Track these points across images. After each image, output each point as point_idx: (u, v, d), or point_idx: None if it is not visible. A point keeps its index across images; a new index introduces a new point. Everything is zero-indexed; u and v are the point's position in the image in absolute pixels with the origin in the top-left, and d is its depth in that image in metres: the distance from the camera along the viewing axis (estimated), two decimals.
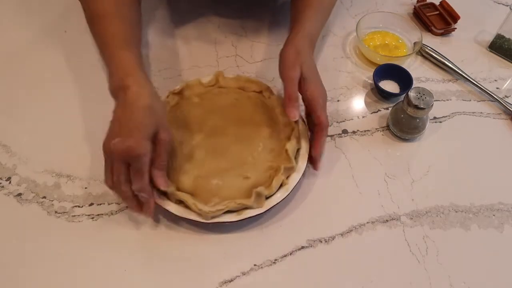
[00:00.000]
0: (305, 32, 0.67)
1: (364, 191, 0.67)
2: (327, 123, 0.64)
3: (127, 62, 0.58)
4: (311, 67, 0.65)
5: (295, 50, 0.64)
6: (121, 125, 0.54)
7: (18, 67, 0.80)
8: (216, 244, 0.61)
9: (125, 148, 0.52)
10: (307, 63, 0.64)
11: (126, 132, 0.53)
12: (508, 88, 0.81)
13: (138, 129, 0.53)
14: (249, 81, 0.73)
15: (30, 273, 0.59)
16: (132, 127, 0.53)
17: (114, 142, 0.52)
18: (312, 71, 0.65)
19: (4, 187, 0.66)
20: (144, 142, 0.53)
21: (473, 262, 0.61)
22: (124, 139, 0.52)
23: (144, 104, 0.54)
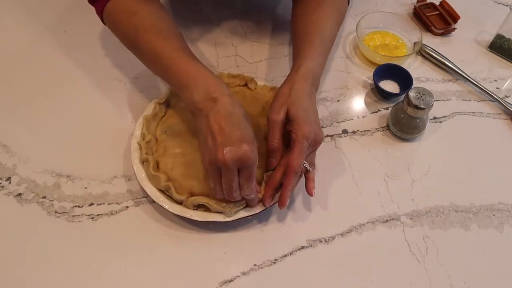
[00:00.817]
0: (305, 70, 0.63)
1: (364, 191, 0.67)
2: (297, 169, 0.57)
3: (205, 73, 0.59)
4: (303, 107, 0.59)
5: (288, 90, 0.61)
6: (227, 135, 0.54)
7: (18, 67, 0.80)
8: (216, 244, 0.61)
9: (240, 156, 0.53)
10: (297, 103, 0.59)
11: (235, 141, 0.53)
12: (508, 88, 0.81)
13: (246, 136, 0.55)
14: (232, 76, 0.74)
15: (30, 273, 0.59)
16: (240, 135, 0.54)
17: (226, 151, 0.53)
18: (303, 112, 0.59)
19: (4, 187, 0.66)
20: (255, 148, 0.55)
21: (473, 262, 0.61)
22: (236, 147, 0.53)
23: (242, 113, 0.57)
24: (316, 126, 0.60)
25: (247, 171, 0.55)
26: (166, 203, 0.60)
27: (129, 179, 0.67)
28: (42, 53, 0.82)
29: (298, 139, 0.58)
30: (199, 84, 0.57)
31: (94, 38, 0.84)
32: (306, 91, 0.61)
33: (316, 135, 0.59)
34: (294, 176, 0.58)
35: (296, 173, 0.58)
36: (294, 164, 0.57)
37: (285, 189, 0.58)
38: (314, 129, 0.59)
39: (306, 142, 0.58)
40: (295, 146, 0.58)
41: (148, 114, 0.68)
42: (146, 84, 0.77)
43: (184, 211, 0.60)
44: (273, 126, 0.60)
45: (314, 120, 0.60)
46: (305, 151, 0.58)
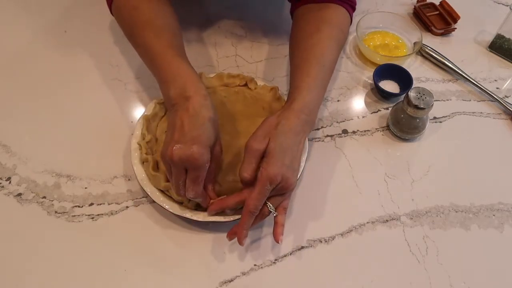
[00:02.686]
0: (299, 105, 0.59)
1: (364, 191, 0.67)
2: (252, 209, 0.54)
3: (186, 71, 0.59)
4: (282, 147, 0.55)
5: (275, 123, 0.57)
6: (184, 133, 0.53)
7: (18, 67, 0.80)
8: (216, 244, 0.61)
9: (188, 155, 0.52)
10: (279, 140, 0.55)
11: (188, 140, 0.53)
12: (508, 88, 0.81)
13: (201, 138, 0.53)
14: (231, 76, 0.74)
15: (30, 273, 0.59)
16: (196, 136, 0.53)
17: (175, 148, 0.52)
18: (279, 151, 0.55)
19: (4, 187, 0.66)
20: (206, 152, 0.53)
21: (473, 262, 0.61)
22: (186, 147, 0.52)
23: (208, 115, 0.55)
24: (287, 170, 0.55)
25: (193, 173, 0.53)
26: (166, 203, 0.60)
27: (129, 179, 0.67)
28: (42, 53, 0.82)
29: (261, 179, 0.53)
30: (177, 81, 0.58)
31: (94, 38, 0.84)
32: (293, 130, 0.57)
33: (285, 180, 0.55)
34: (249, 216, 0.54)
35: (251, 213, 0.54)
36: (249, 204, 0.54)
37: (239, 227, 0.55)
38: (283, 173, 0.54)
39: (269, 185, 0.54)
40: (256, 186, 0.54)
41: (148, 114, 0.68)
42: (146, 84, 0.77)
43: (184, 211, 0.60)
44: (250, 155, 0.55)
45: (289, 164, 0.55)
46: (266, 193, 0.54)
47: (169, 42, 0.63)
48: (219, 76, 0.74)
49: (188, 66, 0.60)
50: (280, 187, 0.55)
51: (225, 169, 0.63)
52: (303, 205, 0.65)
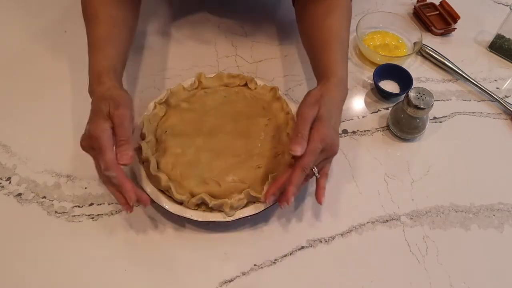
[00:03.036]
0: (337, 80, 0.63)
1: (364, 191, 0.67)
2: (305, 166, 0.56)
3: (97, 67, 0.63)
4: (331, 112, 0.60)
5: (321, 93, 0.61)
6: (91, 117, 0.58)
7: (18, 67, 0.80)
8: (216, 244, 0.61)
9: (87, 135, 0.56)
10: (328, 107, 0.60)
11: (88, 123, 0.58)
12: (508, 88, 0.81)
13: (95, 114, 0.57)
14: (232, 76, 0.74)
15: (30, 273, 0.59)
16: (92, 116, 0.58)
17: (82, 135, 0.57)
18: (329, 116, 0.59)
19: (4, 187, 0.66)
20: (99, 122, 0.56)
21: (473, 262, 0.61)
22: (86, 129, 0.57)
23: (99, 95, 0.59)
24: (335, 134, 0.59)
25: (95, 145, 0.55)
26: (166, 203, 0.60)
27: None
28: (42, 53, 0.82)
29: (314, 139, 0.56)
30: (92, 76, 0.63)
31: None
32: (337, 99, 0.62)
33: (333, 143, 0.59)
34: (300, 173, 0.56)
35: (303, 170, 0.56)
36: (303, 160, 0.56)
37: (289, 185, 0.56)
38: (332, 135, 0.58)
39: (320, 145, 0.57)
40: (309, 145, 0.56)
41: (148, 114, 0.68)
42: (146, 84, 0.77)
43: (184, 211, 0.60)
44: (304, 119, 0.58)
45: (335, 128, 0.60)
46: (317, 153, 0.57)
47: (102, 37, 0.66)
48: (219, 76, 0.74)
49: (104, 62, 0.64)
50: (327, 149, 0.58)
51: (225, 169, 0.63)
52: (303, 205, 0.65)
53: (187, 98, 0.71)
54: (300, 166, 0.56)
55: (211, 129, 0.67)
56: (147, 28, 0.86)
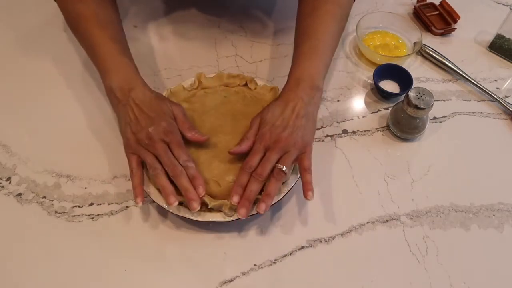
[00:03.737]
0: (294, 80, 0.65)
1: (364, 191, 0.67)
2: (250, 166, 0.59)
3: (128, 65, 0.66)
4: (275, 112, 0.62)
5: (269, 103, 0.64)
6: (146, 117, 0.60)
7: (18, 66, 0.80)
8: (216, 244, 0.61)
9: (163, 130, 0.60)
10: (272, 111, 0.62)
11: (155, 120, 0.60)
12: (508, 88, 0.81)
13: (163, 114, 0.61)
14: (231, 76, 0.74)
15: (30, 273, 0.59)
16: (157, 115, 0.61)
17: (151, 130, 0.59)
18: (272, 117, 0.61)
19: (4, 187, 0.66)
20: (172, 122, 0.62)
21: (473, 262, 0.61)
22: (158, 124, 0.60)
23: (154, 96, 0.63)
24: (277, 129, 0.60)
25: (174, 140, 0.60)
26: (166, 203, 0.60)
27: (129, 179, 0.66)
28: (42, 53, 0.82)
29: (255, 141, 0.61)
30: (120, 73, 0.64)
31: None
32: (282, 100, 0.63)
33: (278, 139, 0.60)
34: (245, 173, 0.59)
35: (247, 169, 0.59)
36: (246, 161, 0.60)
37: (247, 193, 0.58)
38: (272, 131, 0.60)
39: (259, 144, 0.60)
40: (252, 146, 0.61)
41: None
42: None
43: (184, 211, 0.60)
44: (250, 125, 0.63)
45: (280, 124, 0.61)
46: (259, 152, 0.60)
47: (113, 36, 0.67)
48: (219, 76, 0.74)
49: (128, 60, 0.66)
50: (273, 146, 0.59)
51: (225, 169, 0.63)
52: (303, 205, 0.65)
53: (187, 98, 0.71)
54: (243, 167, 0.60)
55: (211, 129, 0.67)
56: (147, 28, 0.86)
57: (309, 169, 0.60)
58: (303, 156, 0.61)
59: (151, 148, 0.59)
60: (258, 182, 0.58)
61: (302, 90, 0.63)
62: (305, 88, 0.63)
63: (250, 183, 0.58)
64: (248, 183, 0.59)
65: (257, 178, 0.58)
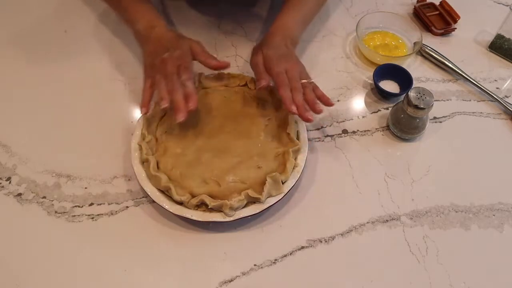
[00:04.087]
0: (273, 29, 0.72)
1: (364, 191, 0.67)
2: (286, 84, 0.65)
3: (150, 11, 0.72)
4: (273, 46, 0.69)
5: (260, 43, 0.71)
6: (163, 46, 0.66)
7: (18, 66, 0.80)
8: (216, 244, 0.61)
9: (176, 55, 0.65)
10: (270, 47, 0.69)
11: (170, 49, 0.66)
12: (508, 88, 0.81)
13: (179, 47, 0.66)
14: (232, 76, 0.74)
15: (30, 273, 0.59)
16: (173, 47, 0.66)
17: (165, 55, 0.65)
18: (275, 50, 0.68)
19: (4, 187, 0.66)
20: (187, 52, 0.67)
21: (473, 262, 0.61)
22: (172, 52, 0.65)
23: (174, 34, 0.69)
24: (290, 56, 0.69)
25: (184, 64, 0.65)
26: (166, 203, 0.60)
27: (129, 179, 0.67)
28: (42, 53, 0.82)
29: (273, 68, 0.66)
30: (145, 18, 0.71)
31: (94, 38, 0.84)
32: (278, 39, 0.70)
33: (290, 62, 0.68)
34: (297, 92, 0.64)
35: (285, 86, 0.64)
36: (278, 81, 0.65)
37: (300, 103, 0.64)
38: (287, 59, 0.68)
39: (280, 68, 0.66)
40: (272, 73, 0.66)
41: (148, 114, 0.68)
42: None
43: (184, 211, 0.60)
44: (256, 66, 0.68)
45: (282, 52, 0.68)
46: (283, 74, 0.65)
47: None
48: (219, 76, 0.74)
49: (151, 7, 0.73)
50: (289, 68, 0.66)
51: (225, 169, 0.63)
52: (303, 205, 0.65)
53: None
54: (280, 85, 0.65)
55: (211, 129, 0.67)
56: None
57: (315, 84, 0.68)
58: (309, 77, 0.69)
59: (162, 70, 0.64)
60: (301, 92, 0.65)
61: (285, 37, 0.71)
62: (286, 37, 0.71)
63: (296, 95, 0.64)
64: (293, 96, 0.64)
65: (298, 90, 0.65)
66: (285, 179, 0.62)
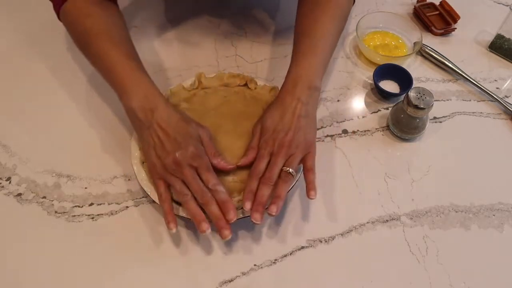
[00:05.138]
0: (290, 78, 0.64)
1: (364, 191, 0.67)
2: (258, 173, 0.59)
3: (147, 83, 0.62)
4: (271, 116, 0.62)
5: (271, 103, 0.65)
6: (172, 141, 0.58)
7: (18, 66, 0.80)
8: (216, 244, 0.61)
9: (190, 154, 0.57)
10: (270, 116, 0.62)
11: (181, 144, 0.58)
12: (508, 88, 0.81)
13: (189, 137, 0.59)
14: (232, 76, 0.74)
15: (30, 273, 0.59)
16: (183, 139, 0.58)
17: (178, 155, 0.57)
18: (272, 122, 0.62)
19: (4, 187, 0.66)
20: (199, 146, 0.59)
21: (473, 262, 0.61)
22: (185, 149, 0.57)
23: (180, 117, 0.61)
24: (277, 127, 0.61)
25: (202, 165, 0.58)
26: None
27: (129, 179, 0.67)
28: (42, 53, 0.82)
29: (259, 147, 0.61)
30: (139, 93, 0.60)
31: None
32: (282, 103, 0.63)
33: (282, 143, 0.60)
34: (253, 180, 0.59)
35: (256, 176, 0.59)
36: (253, 167, 0.60)
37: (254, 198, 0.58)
38: (277, 137, 0.60)
39: (263, 150, 0.60)
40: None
41: None
42: None
43: (184, 211, 0.60)
44: (252, 134, 0.64)
45: (281, 127, 0.61)
46: (264, 157, 0.60)
47: (127, 53, 0.64)
48: (219, 76, 0.74)
49: (148, 78, 0.63)
50: (278, 151, 0.59)
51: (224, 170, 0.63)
52: (303, 205, 0.65)
53: (187, 98, 0.71)
54: (251, 174, 0.59)
55: (211, 129, 0.67)
56: (147, 29, 0.85)
57: (312, 169, 0.60)
58: (307, 156, 0.61)
59: (179, 174, 0.57)
60: (268, 186, 0.58)
61: (300, 90, 0.63)
62: (302, 88, 0.63)
63: (261, 189, 0.58)
64: (258, 188, 0.58)
65: (266, 183, 0.58)
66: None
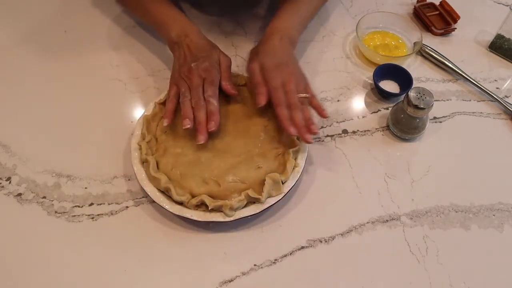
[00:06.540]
0: (271, 29, 0.72)
1: (364, 191, 0.67)
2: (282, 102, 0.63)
3: (182, 16, 0.74)
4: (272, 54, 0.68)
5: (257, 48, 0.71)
6: (194, 56, 0.67)
7: (18, 67, 0.80)
8: (216, 244, 0.61)
9: (204, 67, 0.66)
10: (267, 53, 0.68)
11: (200, 59, 0.67)
12: (508, 88, 0.81)
13: (209, 57, 0.68)
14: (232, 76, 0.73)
15: (30, 273, 0.59)
16: (203, 55, 0.67)
17: (193, 65, 0.66)
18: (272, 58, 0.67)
19: (4, 187, 0.66)
20: (215, 65, 0.68)
21: (473, 262, 0.61)
22: (201, 62, 0.66)
23: (207, 42, 0.71)
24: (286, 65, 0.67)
25: (209, 78, 0.65)
26: (166, 203, 0.60)
27: (129, 179, 0.67)
28: (42, 53, 0.82)
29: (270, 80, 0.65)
30: (176, 23, 0.72)
31: (94, 38, 0.84)
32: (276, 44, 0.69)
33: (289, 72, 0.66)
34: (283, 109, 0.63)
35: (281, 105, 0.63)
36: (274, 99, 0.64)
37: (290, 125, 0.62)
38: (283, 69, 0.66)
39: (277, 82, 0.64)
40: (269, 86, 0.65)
41: (148, 114, 0.68)
42: (146, 84, 0.77)
43: (184, 211, 0.60)
44: (253, 74, 0.67)
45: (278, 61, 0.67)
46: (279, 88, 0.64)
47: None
48: None
49: (182, 13, 0.75)
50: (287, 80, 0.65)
51: (225, 169, 0.63)
52: (302, 205, 0.65)
53: None
54: (277, 104, 0.64)
55: None
56: (147, 28, 0.85)
57: (314, 95, 0.67)
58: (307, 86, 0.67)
59: (188, 80, 0.65)
60: (299, 109, 0.63)
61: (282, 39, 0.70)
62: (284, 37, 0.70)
63: (295, 114, 0.63)
64: (292, 116, 0.63)
65: (296, 108, 0.63)
66: (285, 179, 0.62)
